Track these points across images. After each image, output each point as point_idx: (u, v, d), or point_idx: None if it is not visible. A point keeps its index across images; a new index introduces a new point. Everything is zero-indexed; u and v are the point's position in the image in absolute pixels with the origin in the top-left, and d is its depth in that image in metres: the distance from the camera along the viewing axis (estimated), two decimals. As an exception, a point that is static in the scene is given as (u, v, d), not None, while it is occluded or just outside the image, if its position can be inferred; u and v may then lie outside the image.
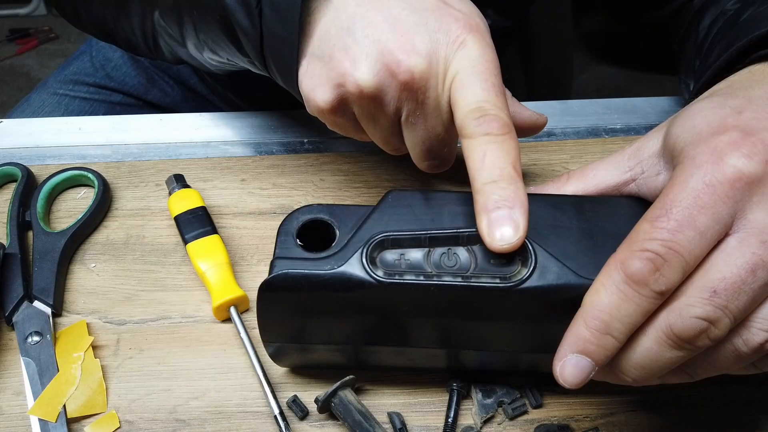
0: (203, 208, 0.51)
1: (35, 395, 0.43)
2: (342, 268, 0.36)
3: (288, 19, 0.39)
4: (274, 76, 0.44)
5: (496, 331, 0.38)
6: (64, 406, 0.42)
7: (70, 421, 0.42)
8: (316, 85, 0.40)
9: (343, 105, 0.41)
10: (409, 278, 0.35)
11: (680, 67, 0.58)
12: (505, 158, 0.36)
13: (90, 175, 0.54)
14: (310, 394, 0.43)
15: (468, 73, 0.38)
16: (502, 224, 0.35)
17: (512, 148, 0.36)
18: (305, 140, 0.59)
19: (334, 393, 0.41)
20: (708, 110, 0.34)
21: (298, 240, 0.38)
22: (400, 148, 0.44)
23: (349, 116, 0.42)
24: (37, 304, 0.47)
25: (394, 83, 0.38)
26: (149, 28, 0.52)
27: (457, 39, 0.38)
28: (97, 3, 0.54)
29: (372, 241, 0.36)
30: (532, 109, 0.49)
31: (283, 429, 0.41)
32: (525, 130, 0.49)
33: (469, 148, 0.37)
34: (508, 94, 0.46)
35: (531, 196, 0.39)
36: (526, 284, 0.35)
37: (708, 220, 0.30)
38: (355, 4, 0.39)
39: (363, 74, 0.38)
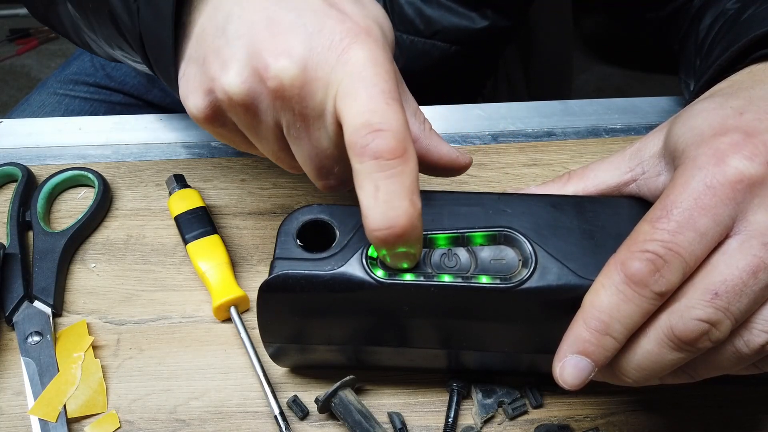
0: (203, 208, 0.51)
1: (35, 395, 0.43)
2: (342, 269, 0.36)
3: (162, 16, 0.36)
4: (161, 80, 0.40)
5: (496, 332, 0.38)
6: (65, 406, 0.42)
7: (70, 421, 0.42)
8: (189, 91, 0.36)
9: (217, 114, 0.36)
10: (409, 279, 0.35)
11: (680, 67, 0.58)
12: (401, 192, 0.31)
13: (90, 175, 0.54)
14: (310, 394, 0.43)
15: (352, 80, 0.32)
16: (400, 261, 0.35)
17: (408, 175, 0.31)
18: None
19: (334, 393, 0.41)
20: (709, 111, 0.34)
21: (298, 240, 0.38)
22: (296, 165, 0.39)
23: (231, 126, 0.37)
24: (37, 304, 0.47)
25: (265, 90, 0.34)
26: (71, 22, 0.48)
27: (339, 44, 0.33)
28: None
29: (372, 241, 0.36)
30: (454, 147, 0.41)
31: (284, 429, 0.41)
32: (441, 170, 0.41)
33: (358, 176, 0.32)
34: (427, 125, 0.40)
35: (532, 197, 0.39)
36: (527, 285, 0.35)
37: (708, 221, 0.30)
38: (233, 1, 0.35)
39: (231, 79, 0.34)
